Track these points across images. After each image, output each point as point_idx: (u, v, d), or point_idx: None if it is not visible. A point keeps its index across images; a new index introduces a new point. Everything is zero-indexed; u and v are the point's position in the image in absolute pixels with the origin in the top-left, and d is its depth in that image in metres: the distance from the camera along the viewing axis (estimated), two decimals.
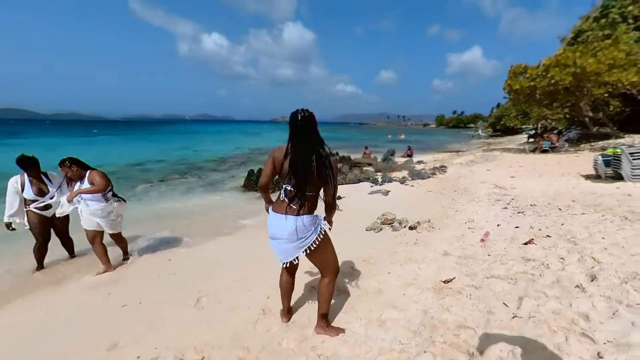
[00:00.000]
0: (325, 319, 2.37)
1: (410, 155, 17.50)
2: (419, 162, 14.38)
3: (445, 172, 10.96)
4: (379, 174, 11.15)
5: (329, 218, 2.31)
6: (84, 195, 3.81)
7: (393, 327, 2.33)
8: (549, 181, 7.66)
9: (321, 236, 2.19)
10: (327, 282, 2.30)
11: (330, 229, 2.32)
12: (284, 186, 2.13)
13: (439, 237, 4.30)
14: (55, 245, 4.36)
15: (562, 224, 4.07)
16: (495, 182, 8.04)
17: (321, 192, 2.22)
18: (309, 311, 2.66)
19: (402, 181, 9.37)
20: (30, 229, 4.09)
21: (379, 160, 15.15)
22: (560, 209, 4.89)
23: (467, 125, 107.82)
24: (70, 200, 3.85)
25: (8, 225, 3.98)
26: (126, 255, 4.46)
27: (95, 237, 3.98)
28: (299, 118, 2.04)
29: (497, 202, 5.92)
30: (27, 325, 2.89)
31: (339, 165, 12.91)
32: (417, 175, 10.00)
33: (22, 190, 3.99)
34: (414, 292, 2.80)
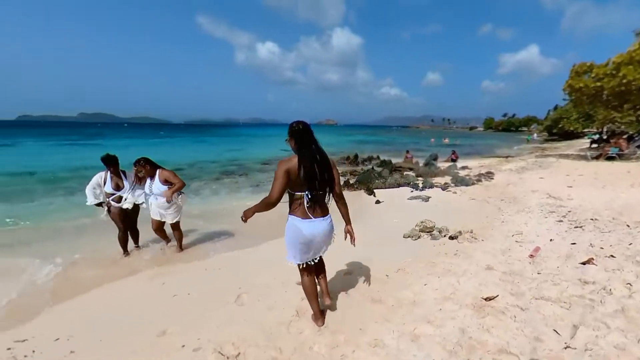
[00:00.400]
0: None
1: (454, 160, 16.55)
2: (464, 168, 13.53)
3: (492, 178, 10.18)
4: (420, 179, 10.68)
5: (348, 218, 2.51)
6: (154, 190, 4.29)
7: (427, 343, 2.18)
8: (615, 192, 6.74)
9: (335, 232, 2.44)
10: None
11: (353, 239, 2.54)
12: (305, 193, 2.22)
13: (481, 249, 3.97)
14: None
15: (631, 243, 3.53)
16: (549, 192, 7.27)
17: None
18: (341, 317, 2.59)
19: (444, 187, 8.87)
20: (112, 219, 4.51)
21: (420, 164, 14.54)
22: (628, 226, 4.26)
23: (519, 129, 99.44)
24: (169, 200, 4.28)
25: (99, 204, 4.43)
26: (180, 246, 4.74)
27: (160, 226, 4.53)
28: (302, 128, 2.17)
29: (551, 214, 5.33)
30: (98, 309, 3.18)
31: (379, 169, 12.62)
32: (460, 181, 9.41)
33: (104, 184, 4.41)
34: (451, 308, 2.59)
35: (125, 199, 4.42)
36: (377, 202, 7.59)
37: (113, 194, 4.42)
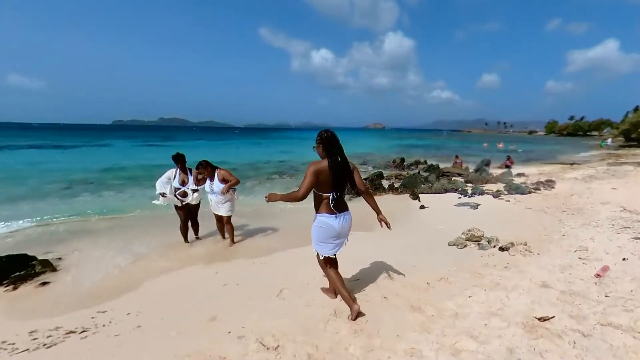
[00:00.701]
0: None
1: (509, 166, 15.12)
2: (520, 175, 12.30)
3: (553, 187, 9.11)
4: (470, 185, 9.96)
5: (378, 209, 2.71)
6: (215, 188, 4.66)
7: (469, 359, 2.01)
8: None
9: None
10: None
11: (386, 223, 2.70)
12: (330, 194, 2.44)
13: (537, 263, 3.57)
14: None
15: None
16: (624, 205, 6.28)
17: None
18: (379, 322, 2.51)
19: (496, 195, 8.15)
20: (176, 212, 4.96)
21: (470, 170, 13.55)
22: None
23: (588, 133, 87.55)
24: (224, 193, 4.61)
25: (162, 194, 4.75)
26: (232, 239, 5.02)
27: (221, 220, 4.94)
28: (330, 136, 2.43)
29: (624, 230, 4.60)
30: (162, 292, 3.49)
31: (425, 174, 12.05)
32: (515, 189, 8.57)
33: (173, 179, 4.81)
34: (498, 324, 2.37)
35: (190, 194, 4.81)
36: (422, 207, 7.25)
37: (179, 189, 4.82)
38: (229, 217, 4.89)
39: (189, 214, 5.02)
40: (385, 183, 10.11)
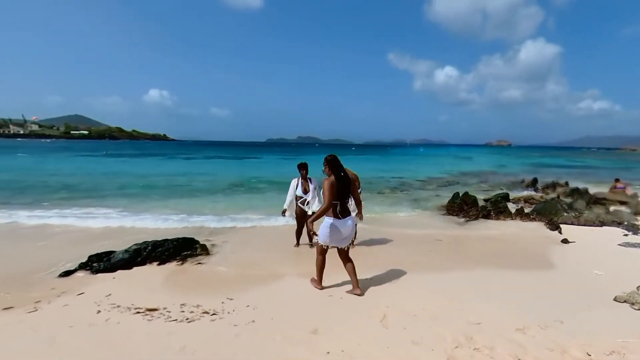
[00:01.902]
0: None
1: None
2: None
3: None
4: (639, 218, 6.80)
5: (361, 214, 3.90)
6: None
7: None
8: None
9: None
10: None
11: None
12: (337, 202, 3.01)
13: None
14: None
15: None
16: None
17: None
18: None
19: None
20: (294, 217, 4.86)
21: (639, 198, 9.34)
22: None
23: None
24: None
25: (283, 212, 4.78)
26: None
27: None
28: (333, 159, 3.05)
29: None
30: (279, 294, 3.40)
31: (567, 199, 9.00)
32: None
33: (296, 188, 4.72)
34: None
35: (312, 204, 4.66)
36: (565, 241, 5.33)
37: (301, 197, 4.71)
38: None
39: (304, 221, 4.85)
40: (512, 207, 8.05)
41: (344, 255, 3.28)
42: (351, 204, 3.39)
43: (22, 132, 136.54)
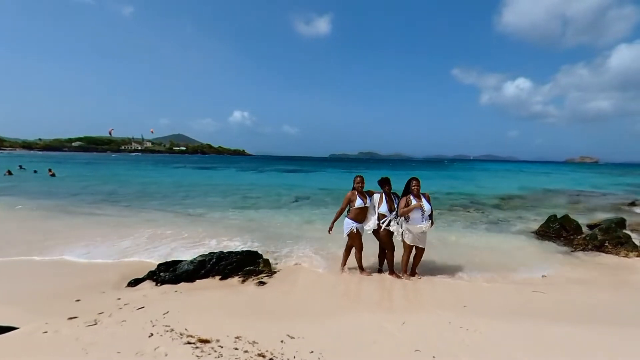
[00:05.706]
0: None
1: None
2: None
3: None
4: None
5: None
6: (426, 209, 3.84)
7: None
8: None
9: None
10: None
11: None
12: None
13: None
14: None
15: None
16: None
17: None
18: None
19: None
20: (380, 239, 3.97)
21: None
22: None
23: None
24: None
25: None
26: (416, 272, 3.98)
27: (408, 249, 3.91)
28: (361, 179, 3.97)
29: None
30: (344, 331, 2.75)
31: None
32: None
33: (379, 206, 3.87)
34: None
35: (396, 225, 3.83)
36: None
37: (385, 216, 3.82)
38: (422, 249, 3.92)
39: (389, 244, 3.93)
40: (635, 238, 5.77)
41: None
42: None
43: (140, 147, 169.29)
